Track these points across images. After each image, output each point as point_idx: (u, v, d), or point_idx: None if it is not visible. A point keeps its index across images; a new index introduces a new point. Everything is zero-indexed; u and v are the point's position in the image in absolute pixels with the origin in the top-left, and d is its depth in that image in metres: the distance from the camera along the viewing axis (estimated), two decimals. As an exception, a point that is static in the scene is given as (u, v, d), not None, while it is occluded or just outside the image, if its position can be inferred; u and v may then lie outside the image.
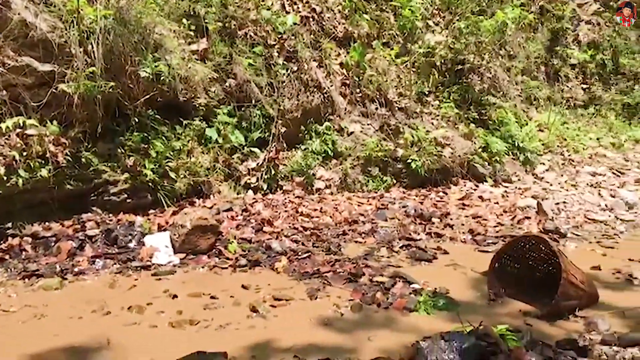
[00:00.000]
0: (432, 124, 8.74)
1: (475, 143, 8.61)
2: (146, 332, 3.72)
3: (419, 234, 6.08)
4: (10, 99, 5.33)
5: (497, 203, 7.42)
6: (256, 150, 7.23)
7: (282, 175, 7.34)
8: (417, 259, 5.32)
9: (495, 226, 6.49)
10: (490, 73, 10.04)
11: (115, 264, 4.96)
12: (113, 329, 3.75)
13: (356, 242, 5.77)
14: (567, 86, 11.90)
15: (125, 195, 6.06)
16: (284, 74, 7.59)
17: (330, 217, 6.43)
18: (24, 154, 5.31)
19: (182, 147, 6.62)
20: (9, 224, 5.29)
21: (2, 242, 5.13)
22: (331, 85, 8.14)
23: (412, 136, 8.08)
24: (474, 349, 3.14)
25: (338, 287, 4.56)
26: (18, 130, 5.35)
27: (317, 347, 3.50)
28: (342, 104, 8.22)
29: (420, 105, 8.92)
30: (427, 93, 9.16)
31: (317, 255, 5.30)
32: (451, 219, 6.63)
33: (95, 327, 3.79)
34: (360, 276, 4.74)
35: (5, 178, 5.14)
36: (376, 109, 8.36)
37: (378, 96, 8.44)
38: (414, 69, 9.16)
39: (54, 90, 5.57)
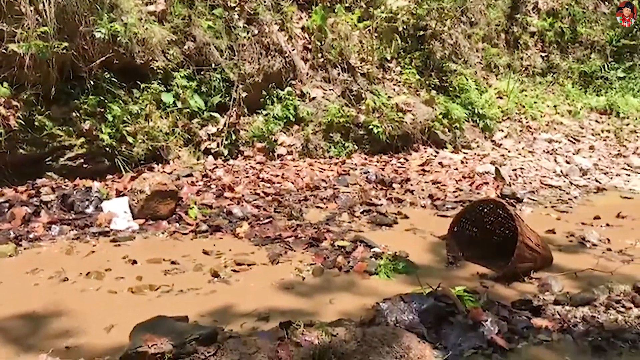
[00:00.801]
0: (394, 90, 8.76)
1: (435, 109, 8.67)
2: (105, 298, 3.66)
3: (379, 199, 6.13)
4: (-43, 59, 5.09)
5: (457, 169, 7.53)
6: (216, 115, 7.12)
7: (243, 141, 7.27)
8: (377, 224, 5.37)
9: (454, 191, 6.60)
10: (452, 40, 10.07)
11: (72, 230, 4.85)
12: (71, 296, 3.69)
13: (318, 207, 5.79)
14: (527, 54, 12.03)
15: (82, 160, 5.92)
16: (244, 37, 7.45)
17: (292, 183, 6.42)
18: (-27, 116, 5.11)
19: (139, 111, 6.47)
20: (-41, 190, 5.12)
21: (-49, 208, 4.95)
22: (293, 50, 8.04)
23: (374, 102, 8.08)
24: (433, 310, 3.22)
25: (300, 251, 4.58)
26: (-34, 92, 5.13)
27: (279, 311, 3.52)
28: (303, 68, 8.14)
29: (382, 71, 8.92)
30: (389, 59, 9.15)
31: (279, 220, 5.30)
32: (411, 185, 6.70)
33: (53, 293, 3.72)
34: (321, 241, 4.76)
35: (-47, 141, 4.95)
36: (338, 74, 8.31)
37: (340, 61, 8.38)
38: (376, 34, 9.11)
39: (3, 51, 5.34)
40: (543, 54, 12.22)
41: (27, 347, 3.03)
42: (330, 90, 8.16)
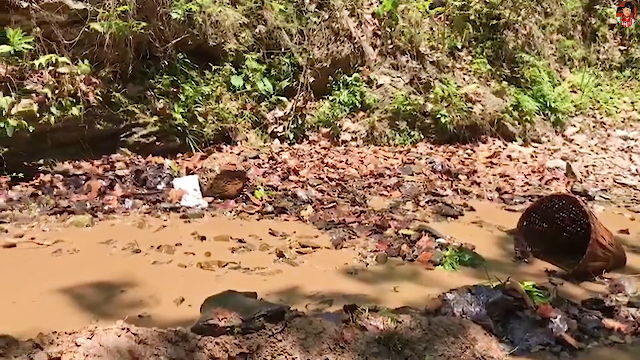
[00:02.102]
0: (464, 79, 8.57)
1: (506, 101, 8.44)
2: (176, 272, 3.79)
3: (445, 190, 6.04)
4: (44, 36, 5.32)
5: (526, 163, 7.33)
6: (284, 99, 7.18)
7: (309, 126, 7.31)
8: (442, 215, 5.31)
9: (522, 186, 6.43)
10: (526, 30, 9.75)
11: (144, 204, 5.03)
12: (143, 267, 3.84)
13: (381, 195, 5.76)
14: (604, 47, 11.51)
15: (154, 138, 6.10)
16: (314, 22, 7.46)
17: (356, 169, 6.42)
18: (56, 91, 5.34)
19: (210, 93, 6.60)
20: (41, 161, 5.36)
21: (34, 177, 5.21)
22: (362, 36, 7.98)
23: (443, 91, 7.94)
24: (501, 303, 3.16)
25: (363, 237, 4.58)
26: (51, 68, 5.36)
27: (343, 295, 3.54)
28: (372, 55, 8.08)
29: (452, 60, 8.73)
30: (459, 47, 8.94)
31: (343, 206, 5.31)
32: (478, 177, 6.57)
33: (125, 264, 3.88)
34: (385, 228, 4.75)
35: (37, 115, 5.19)
36: (407, 61, 8.20)
37: (409, 48, 8.25)
38: (447, 22, 8.93)
39: (86, 29, 5.54)
40: (622, 48, 11.66)
41: (103, 314, 3.17)
42: (398, 77, 8.07)
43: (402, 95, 7.74)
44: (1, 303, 3.24)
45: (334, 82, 7.61)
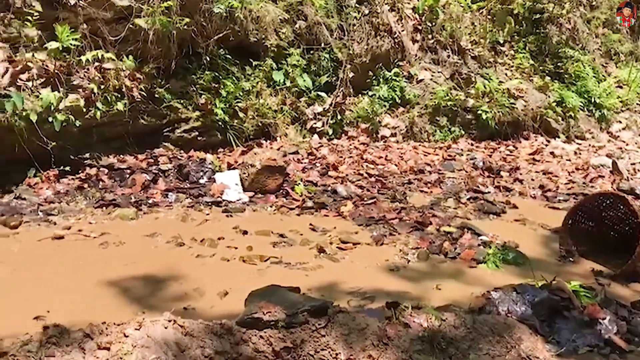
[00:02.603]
0: (506, 74, 8.44)
1: (549, 97, 8.28)
2: (219, 265, 3.84)
3: (487, 187, 5.95)
4: (90, 33, 5.43)
5: (570, 160, 7.17)
6: (323, 94, 7.18)
7: (348, 121, 7.30)
8: (484, 212, 5.23)
9: (566, 183, 6.29)
10: (570, 24, 9.53)
11: (187, 198, 5.10)
12: (187, 260, 3.89)
13: (422, 191, 5.72)
14: (652, 41, 11.16)
15: (196, 133, 6.19)
16: (355, 17, 7.43)
17: (396, 165, 6.38)
18: (102, 87, 5.44)
19: (251, 88, 6.64)
20: (87, 155, 5.49)
21: (80, 171, 5.34)
22: (402, 30, 7.93)
23: (484, 86, 7.83)
24: (547, 303, 3.11)
25: (404, 234, 4.55)
26: (96, 63, 5.47)
27: (385, 292, 3.53)
28: (412, 50, 8.02)
29: (494, 55, 8.60)
30: (501, 42, 8.80)
31: (383, 202, 5.29)
32: (521, 174, 6.46)
33: (170, 257, 3.94)
34: (426, 225, 4.71)
35: (84, 110, 5.31)
36: (448, 56, 8.11)
37: (450, 43, 8.17)
38: (489, 17, 8.79)
39: (130, 25, 5.64)
40: (671, 41, 11.27)
41: (149, 307, 3.23)
42: (438, 72, 7.99)
43: (443, 90, 7.66)
44: (51, 293, 3.33)
45: (373, 77, 7.59)
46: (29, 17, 5.07)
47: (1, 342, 2.46)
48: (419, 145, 7.22)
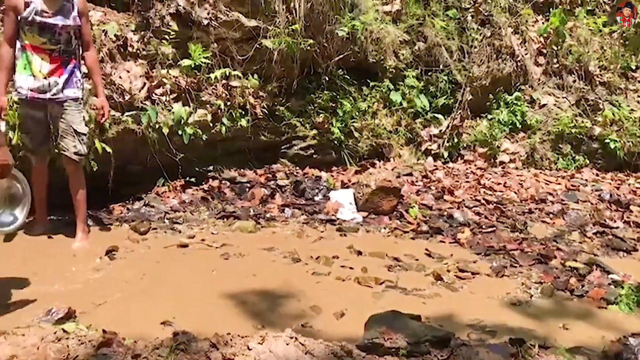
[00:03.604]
0: (638, 102, 7.87)
1: (687, 127, 7.62)
2: (334, 284, 3.83)
3: (615, 221, 5.55)
4: (220, 52, 5.70)
5: None
6: (439, 116, 7.07)
7: (465, 145, 7.14)
8: (613, 248, 4.88)
9: None
10: None
11: (302, 214, 5.19)
12: (303, 277, 3.93)
13: (543, 222, 5.43)
14: None
15: (312, 151, 6.31)
16: (476, 39, 7.27)
17: (515, 192, 6.13)
18: (228, 103, 5.69)
19: (367, 108, 6.68)
20: (210, 167, 5.75)
21: (203, 182, 5.60)
22: (526, 54, 7.65)
23: (613, 114, 7.37)
24: (696, 357, 2.81)
25: (526, 266, 4.33)
26: (224, 81, 5.73)
27: (507, 327, 3.36)
28: (535, 73, 7.71)
29: (625, 81, 8.07)
30: (634, 68, 8.24)
31: (502, 231, 5.08)
32: (654, 209, 5.97)
33: (287, 272, 4.00)
34: (550, 258, 4.45)
35: (210, 125, 5.57)
36: (574, 81, 7.72)
37: (577, 68, 7.77)
38: (621, 41, 8.27)
39: (257, 46, 5.86)
40: None
41: (268, 321, 3.26)
42: (563, 97, 7.62)
43: (567, 117, 7.30)
44: (177, 299, 3.48)
45: (493, 101, 7.36)
46: (166, 36, 5.40)
47: (135, 344, 2.59)
48: (540, 172, 6.89)
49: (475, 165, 6.87)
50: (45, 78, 4.05)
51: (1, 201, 3.23)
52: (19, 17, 3.94)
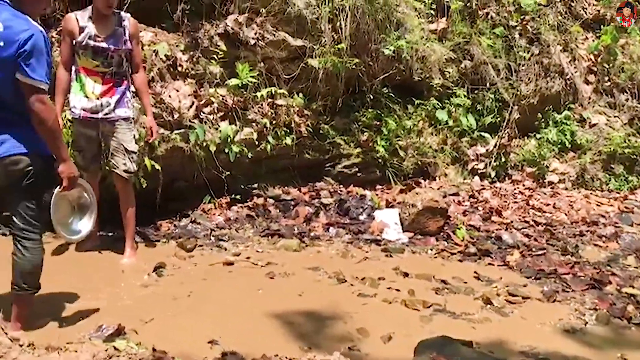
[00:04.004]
0: (694, 121, 7.59)
1: None
2: (380, 307, 3.78)
3: (673, 246, 5.32)
4: (266, 71, 5.75)
5: None
6: (486, 135, 6.95)
7: (512, 164, 6.99)
8: (673, 275, 4.66)
9: None
10: None
11: (347, 234, 5.15)
12: (348, 298, 3.89)
13: (596, 245, 5.24)
14: None
15: (356, 169, 6.28)
16: (523, 57, 7.15)
17: (565, 214, 5.94)
18: (273, 122, 5.72)
19: (412, 127, 6.61)
20: (255, 185, 5.78)
21: (248, 200, 5.63)
22: (575, 72, 7.48)
23: (668, 133, 7.11)
24: None
25: (578, 292, 4.18)
26: (269, 100, 5.77)
27: (561, 355, 3.25)
28: (586, 92, 7.52)
29: (682, 99, 7.78)
30: (689, 86, 7.95)
31: (552, 254, 4.92)
32: None
33: (332, 293, 3.96)
34: (605, 284, 4.28)
35: (256, 143, 5.60)
36: (626, 100, 7.50)
37: (630, 86, 7.55)
38: (676, 58, 8.00)
39: (303, 65, 5.89)
40: None
41: (314, 343, 3.24)
42: (615, 117, 7.40)
43: (620, 136, 7.08)
44: (223, 317, 3.49)
45: (542, 120, 7.21)
46: (214, 56, 5.48)
47: (185, 362, 2.60)
48: (591, 194, 6.68)
49: (523, 185, 6.71)
50: (97, 99, 4.16)
51: (72, 210, 3.33)
52: (74, 42, 4.07)
